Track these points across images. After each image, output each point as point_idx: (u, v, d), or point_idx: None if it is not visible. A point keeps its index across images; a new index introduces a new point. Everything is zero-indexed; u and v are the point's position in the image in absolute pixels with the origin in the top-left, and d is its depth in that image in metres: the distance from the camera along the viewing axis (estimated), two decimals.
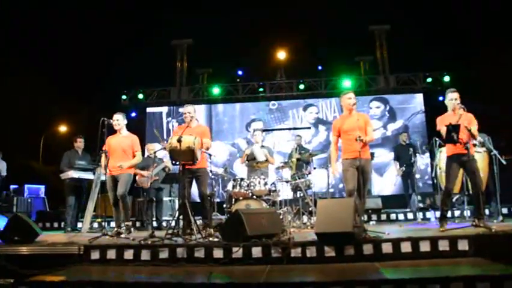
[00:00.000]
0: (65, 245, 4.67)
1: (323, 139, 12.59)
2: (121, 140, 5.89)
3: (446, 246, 4.02)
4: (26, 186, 9.79)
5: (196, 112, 5.93)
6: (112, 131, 5.95)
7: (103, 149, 5.82)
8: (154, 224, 7.85)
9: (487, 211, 7.37)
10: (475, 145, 6.49)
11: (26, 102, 14.18)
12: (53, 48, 14.64)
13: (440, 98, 12.57)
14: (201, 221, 5.72)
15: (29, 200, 9.56)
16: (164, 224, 7.80)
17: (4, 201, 9.12)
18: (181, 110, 5.84)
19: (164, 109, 13.65)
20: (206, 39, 14.10)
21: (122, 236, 5.33)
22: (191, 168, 5.39)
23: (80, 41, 14.43)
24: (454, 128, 4.93)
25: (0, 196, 9.40)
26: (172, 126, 13.26)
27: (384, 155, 12.02)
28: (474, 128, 5.07)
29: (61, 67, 14.91)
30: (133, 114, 13.52)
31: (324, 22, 13.50)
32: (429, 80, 12.86)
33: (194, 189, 5.80)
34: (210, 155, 5.71)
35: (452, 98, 5.21)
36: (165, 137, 12.78)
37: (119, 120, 5.94)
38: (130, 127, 6.15)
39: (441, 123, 5.17)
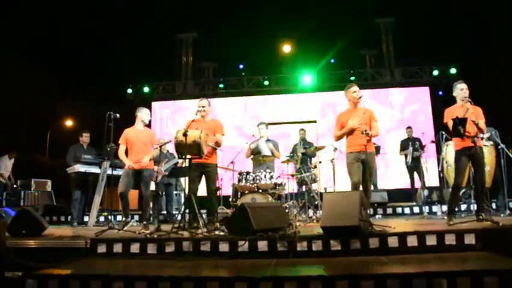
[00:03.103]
0: (72, 239, 4.71)
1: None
2: (139, 134, 5.80)
3: (452, 241, 4.01)
4: (33, 180, 9.83)
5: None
6: (121, 125, 5.90)
7: (119, 142, 5.75)
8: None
9: (494, 205, 7.34)
10: (482, 138, 6.46)
11: (32, 97, 14.26)
12: (59, 43, 14.67)
13: (440, 93, 12.54)
14: (205, 216, 5.73)
15: (36, 194, 9.62)
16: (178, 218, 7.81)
17: (12, 195, 9.18)
18: (197, 103, 5.79)
19: (167, 103, 13.67)
20: (211, 32, 14.09)
21: (128, 226, 5.32)
22: (201, 163, 5.36)
23: (86, 35, 14.45)
24: (460, 122, 4.89)
25: (6, 189, 9.45)
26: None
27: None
28: (481, 121, 5.03)
29: (67, 62, 14.96)
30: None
31: (330, 15, 13.42)
32: (435, 72, 12.77)
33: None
34: (215, 149, 5.68)
35: (462, 88, 5.16)
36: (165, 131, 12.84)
37: (148, 115, 5.97)
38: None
39: (449, 116, 5.12)
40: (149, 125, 6.15)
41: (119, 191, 5.64)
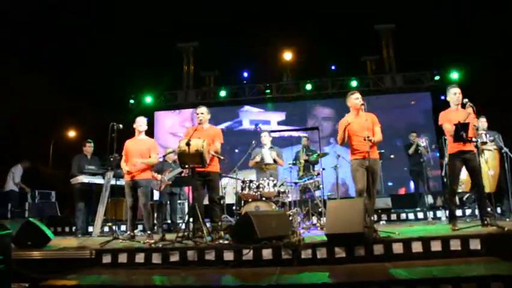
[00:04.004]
0: (77, 249, 4.71)
1: None
2: (138, 143, 5.84)
3: (457, 246, 3.99)
4: (37, 191, 9.86)
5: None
6: (124, 135, 5.94)
7: (122, 153, 5.82)
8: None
9: (498, 209, 7.31)
10: (485, 143, 6.48)
11: (35, 108, 14.32)
12: (62, 54, 14.77)
13: (442, 97, 12.53)
14: (209, 224, 5.73)
15: (41, 205, 9.64)
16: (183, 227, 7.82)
17: (16, 207, 9.21)
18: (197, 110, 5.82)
19: (171, 113, 13.74)
20: (212, 41, 14.17)
21: (135, 239, 5.34)
22: (202, 172, 5.39)
23: (87, 45, 14.56)
24: (462, 127, 4.90)
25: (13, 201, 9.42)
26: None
27: None
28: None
29: (69, 72, 15.06)
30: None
31: (330, 22, 13.50)
32: (436, 78, 12.78)
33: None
34: (220, 159, 5.70)
35: (455, 93, 5.21)
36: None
37: (144, 123, 5.97)
38: None
39: (445, 119, 5.15)
40: (152, 135, 6.17)
41: (128, 204, 5.75)
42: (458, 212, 7.56)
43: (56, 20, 13.89)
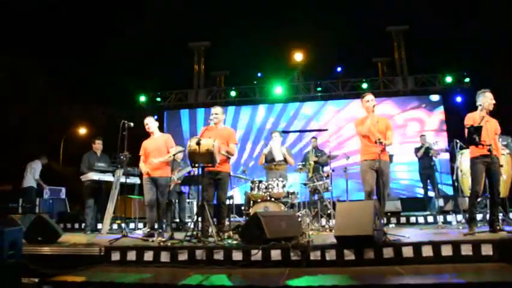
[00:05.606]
0: (87, 246, 4.75)
1: None
2: (155, 141, 6.00)
3: (469, 251, 3.93)
4: (48, 187, 9.94)
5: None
6: (134, 133, 5.99)
7: (140, 153, 5.95)
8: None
9: (511, 215, 7.21)
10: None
11: (46, 105, 14.46)
12: (73, 51, 14.90)
13: (459, 99, 12.42)
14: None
15: (51, 201, 9.71)
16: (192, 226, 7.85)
17: (27, 202, 9.28)
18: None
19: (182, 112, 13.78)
20: (223, 41, 14.20)
21: (152, 239, 5.34)
22: (213, 171, 5.37)
23: (99, 44, 14.66)
24: (475, 130, 4.84)
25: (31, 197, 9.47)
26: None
27: None
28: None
29: (80, 70, 15.18)
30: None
31: (342, 23, 13.44)
32: (448, 80, 12.66)
33: None
34: (228, 158, 5.70)
35: (491, 98, 5.12)
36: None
37: (152, 123, 6.07)
38: None
39: (471, 122, 5.04)
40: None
41: (146, 200, 5.83)
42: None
43: (68, 18, 14.00)
